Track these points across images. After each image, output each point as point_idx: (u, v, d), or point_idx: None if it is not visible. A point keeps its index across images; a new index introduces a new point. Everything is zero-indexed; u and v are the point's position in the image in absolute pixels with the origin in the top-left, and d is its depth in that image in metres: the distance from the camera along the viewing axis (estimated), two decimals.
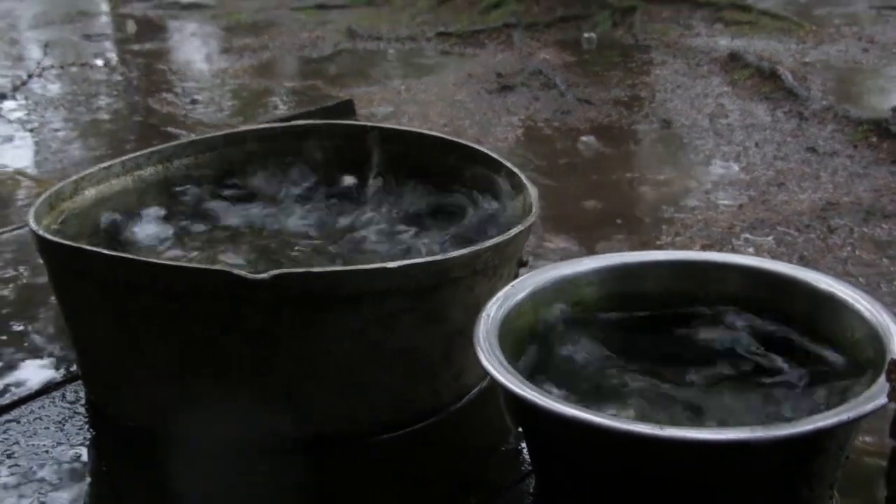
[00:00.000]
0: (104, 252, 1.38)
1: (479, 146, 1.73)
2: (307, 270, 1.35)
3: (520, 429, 1.34)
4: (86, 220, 1.59)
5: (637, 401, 1.23)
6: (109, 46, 5.68)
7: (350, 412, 1.39)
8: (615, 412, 1.19)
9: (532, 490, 1.31)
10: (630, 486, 1.11)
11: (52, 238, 1.40)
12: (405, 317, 1.35)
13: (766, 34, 5.34)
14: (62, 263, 1.42)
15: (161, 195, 1.70)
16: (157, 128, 3.77)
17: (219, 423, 1.36)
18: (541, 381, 1.22)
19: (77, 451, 1.40)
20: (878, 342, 1.20)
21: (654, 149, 4.03)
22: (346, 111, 3.69)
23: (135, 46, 5.50)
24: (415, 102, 4.41)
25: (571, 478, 1.19)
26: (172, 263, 1.39)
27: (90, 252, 1.37)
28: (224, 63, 5.13)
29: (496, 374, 1.15)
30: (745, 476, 1.08)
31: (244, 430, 1.36)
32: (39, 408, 1.49)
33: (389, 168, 1.75)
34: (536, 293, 1.34)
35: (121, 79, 4.66)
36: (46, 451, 1.39)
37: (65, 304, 1.49)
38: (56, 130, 3.81)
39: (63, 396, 1.52)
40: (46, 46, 4.90)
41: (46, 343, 1.69)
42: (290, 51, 5.42)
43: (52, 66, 4.65)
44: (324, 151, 1.80)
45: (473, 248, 1.38)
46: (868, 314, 1.25)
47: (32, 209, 1.48)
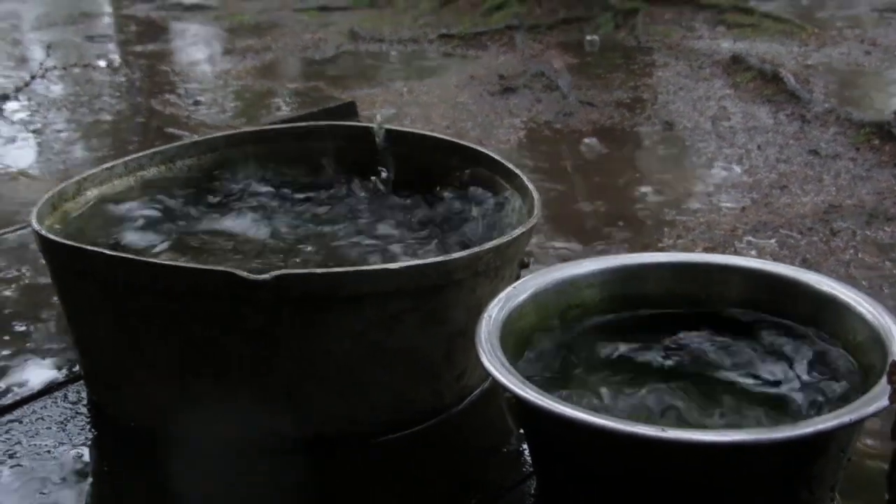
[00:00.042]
0: (105, 252, 1.38)
1: (482, 148, 1.73)
2: (309, 271, 1.35)
3: (521, 430, 1.34)
4: (88, 221, 1.59)
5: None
6: (112, 48, 5.68)
7: (351, 413, 1.39)
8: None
9: (533, 491, 1.31)
10: (631, 488, 1.11)
11: (54, 238, 1.40)
12: (407, 318, 1.35)
13: (769, 37, 5.34)
14: (64, 263, 1.42)
15: (161, 195, 1.71)
16: (160, 129, 3.78)
17: (219, 424, 1.36)
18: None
19: (79, 451, 1.40)
20: (881, 344, 1.20)
21: (657, 151, 4.02)
22: (349, 113, 3.69)
23: (137, 48, 5.51)
24: (417, 104, 4.41)
25: (573, 479, 1.19)
26: (173, 264, 1.39)
27: (91, 252, 1.37)
28: (227, 64, 5.13)
29: (498, 376, 1.15)
30: (747, 478, 1.08)
31: (244, 431, 1.36)
32: (41, 408, 1.49)
33: (391, 169, 1.75)
34: (538, 295, 1.34)
35: (123, 80, 4.66)
36: (48, 451, 1.39)
37: (67, 304, 1.49)
38: (59, 131, 3.81)
39: (65, 397, 1.52)
40: (49, 48, 4.90)
41: (49, 343, 1.69)
42: (293, 52, 5.43)
43: (55, 68, 4.66)
44: (325, 153, 1.80)
45: (475, 250, 1.38)
46: (870, 316, 1.25)
47: (35, 209, 1.48)
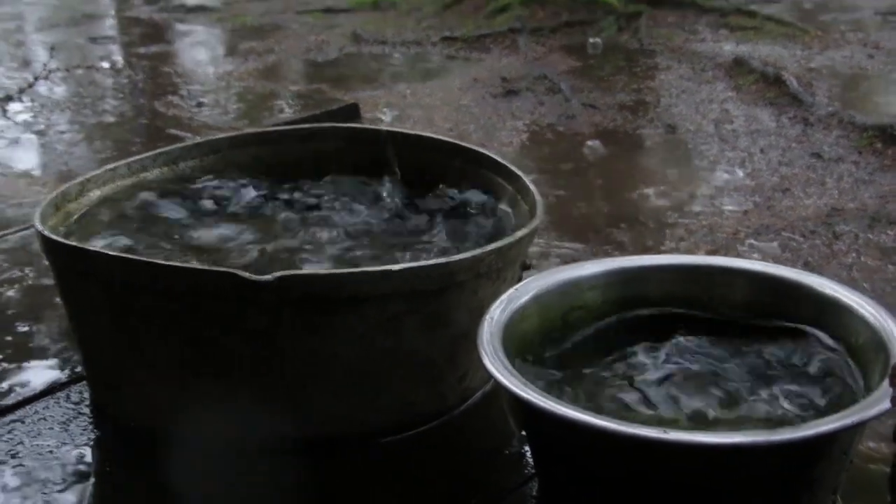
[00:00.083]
0: (106, 252, 1.38)
1: (484, 149, 1.73)
2: (311, 272, 1.35)
3: (523, 432, 1.34)
4: (91, 221, 1.59)
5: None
6: (115, 49, 5.69)
7: (353, 414, 1.39)
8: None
9: (535, 493, 1.31)
10: (633, 490, 1.11)
11: (57, 238, 1.41)
12: (409, 319, 1.35)
13: (772, 40, 5.33)
14: (66, 263, 1.43)
15: (162, 195, 1.70)
16: (163, 130, 3.78)
17: (222, 425, 1.36)
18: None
19: (81, 452, 1.40)
20: (883, 347, 1.20)
21: (659, 154, 4.03)
22: (351, 115, 3.70)
23: (140, 49, 5.51)
24: (420, 106, 4.41)
25: (574, 481, 1.19)
26: (175, 264, 1.39)
27: (93, 252, 1.38)
28: (229, 66, 5.14)
29: (500, 377, 1.15)
30: (749, 480, 1.08)
31: (246, 432, 1.36)
32: (44, 408, 1.50)
33: (394, 171, 1.75)
34: (540, 296, 1.34)
35: (126, 81, 4.67)
36: (51, 452, 1.39)
37: (69, 305, 1.49)
38: (62, 132, 3.82)
39: (67, 397, 1.52)
40: (52, 49, 4.91)
41: (51, 344, 1.69)
42: (296, 54, 5.43)
43: (58, 69, 4.66)
44: (328, 154, 1.80)
45: (477, 252, 1.38)
46: (873, 319, 1.25)
47: (38, 210, 1.48)
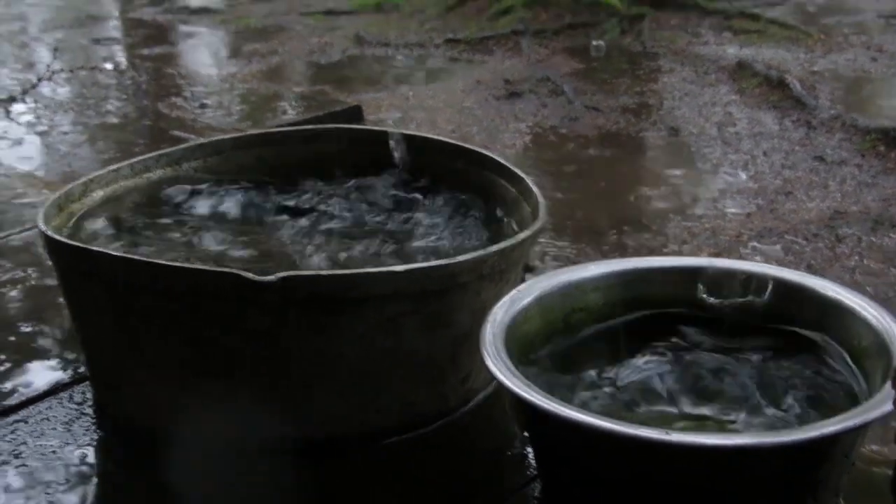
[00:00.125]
0: (109, 252, 1.38)
1: (487, 151, 1.73)
2: (316, 272, 1.35)
3: (525, 433, 1.34)
4: (94, 222, 1.59)
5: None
6: (119, 50, 5.69)
7: (356, 415, 1.39)
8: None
9: (537, 494, 1.31)
10: (636, 491, 1.11)
11: (60, 238, 1.41)
12: (412, 320, 1.35)
13: (775, 43, 5.33)
14: (69, 263, 1.43)
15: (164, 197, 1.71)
16: (166, 132, 3.78)
17: (222, 425, 1.36)
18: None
19: (84, 452, 1.40)
20: (886, 350, 1.20)
21: (662, 156, 4.02)
22: (354, 116, 3.70)
23: (144, 50, 5.51)
24: (423, 108, 4.41)
25: (577, 482, 1.19)
26: (178, 264, 1.39)
27: (96, 252, 1.38)
28: (233, 68, 5.14)
29: (503, 378, 1.15)
30: (751, 481, 1.08)
31: (246, 432, 1.36)
32: (47, 408, 1.50)
33: (398, 172, 1.75)
34: (543, 298, 1.34)
35: (130, 83, 4.67)
36: (53, 452, 1.40)
37: (72, 305, 1.49)
38: (65, 133, 3.82)
39: (70, 397, 1.52)
40: (56, 50, 4.91)
41: (54, 344, 1.69)
42: (299, 56, 5.43)
43: (62, 70, 4.66)
44: (331, 155, 1.80)
45: (479, 253, 1.38)
46: (875, 322, 1.25)
47: (42, 210, 1.48)
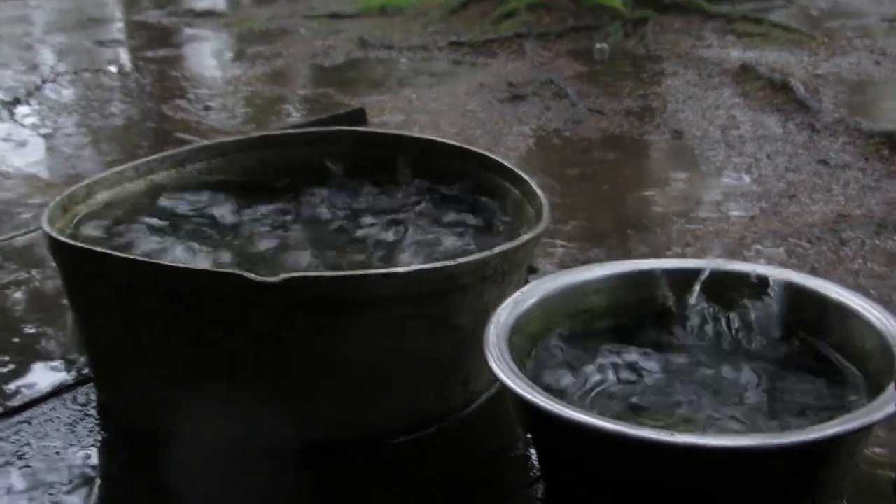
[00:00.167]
0: (112, 253, 1.38)
1: (491, 153, 1.73)
2: (319, 274, 1.35)
3: (528, 434, 1.34)
4: (98, 223, 1.59)
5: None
6: (123, 53, 5.70)
7: (359, 416, 1.39)
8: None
9: (540, 495, 1.31)
10: (640, 492, 1.11)
11: (64, 240, 1.41)
12: (415, 322, 1.35)
13: (778, 46, 5.33)
14: (73, 265, 1.43)
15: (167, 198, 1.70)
16: (170, 134, 3.79)
17: (224, 427, 1.36)
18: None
19: (87, 453, 1.40)
20: (889, 352, 1.20)
21: (666, 159, 4.02)
22: (358, 119, 3.70)
23: (148, 53, 5.52)
24: (426, 111, 4.41)
25: (581, 483, 1.19)
26: (183, 266, 1.39)
27: (99, 253, 1.38)
28: (237, 70, 5.14)
29: (506, 380, 1.15)
30: (755, 483, 1.08)
31: (248, 433, 1.36)
32: (51, 409, 1.50)
33: (401, 174, 1.75)
34: (546, 300, 1.34)
35: (134, 85, 4.68)
36: (57, 453, 1.40)
37: (76, 306, 1.50)
38: (69, 135, 3.82)
39: (74, 399, 1.53)
40: (60, 52, 4.92)
41: (58, 346, 1.70)
42: (303, 59, 5.43)
43: (66, 72, 4.67)
44: (334, 158, 1.80)
45: (482, 255, 1.38)
46: (879, 324, 1.25)
47: (46, 212, 1.48)
